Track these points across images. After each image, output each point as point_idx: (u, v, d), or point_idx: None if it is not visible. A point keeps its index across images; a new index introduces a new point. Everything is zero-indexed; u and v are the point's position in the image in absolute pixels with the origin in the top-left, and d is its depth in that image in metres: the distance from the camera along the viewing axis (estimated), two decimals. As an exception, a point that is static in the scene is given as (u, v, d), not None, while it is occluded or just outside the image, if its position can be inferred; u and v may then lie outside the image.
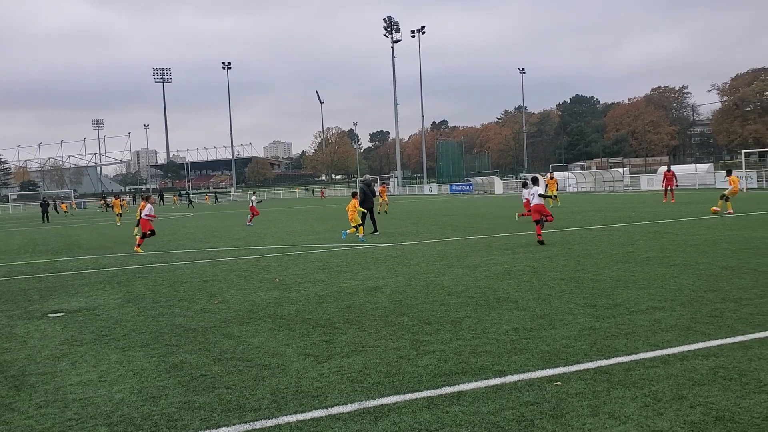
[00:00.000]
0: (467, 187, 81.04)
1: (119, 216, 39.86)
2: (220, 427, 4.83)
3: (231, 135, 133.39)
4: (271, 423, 4.86)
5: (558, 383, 5.38)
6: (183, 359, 6.76)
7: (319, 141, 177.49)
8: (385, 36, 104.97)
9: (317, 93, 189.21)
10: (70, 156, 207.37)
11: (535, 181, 17.07)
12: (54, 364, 6.85)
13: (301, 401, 5.28)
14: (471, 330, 7.38)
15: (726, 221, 19.72)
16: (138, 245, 19.27)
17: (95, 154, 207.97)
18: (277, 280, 12.04)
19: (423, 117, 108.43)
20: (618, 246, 14.67)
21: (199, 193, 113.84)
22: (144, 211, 19.80)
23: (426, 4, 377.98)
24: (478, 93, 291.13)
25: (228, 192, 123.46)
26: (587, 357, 6.08)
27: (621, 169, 67.06)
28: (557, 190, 38.96)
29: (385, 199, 35.39)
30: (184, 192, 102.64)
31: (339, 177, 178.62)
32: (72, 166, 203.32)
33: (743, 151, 56.50)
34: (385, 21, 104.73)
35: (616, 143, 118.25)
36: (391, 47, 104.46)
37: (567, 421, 4.58)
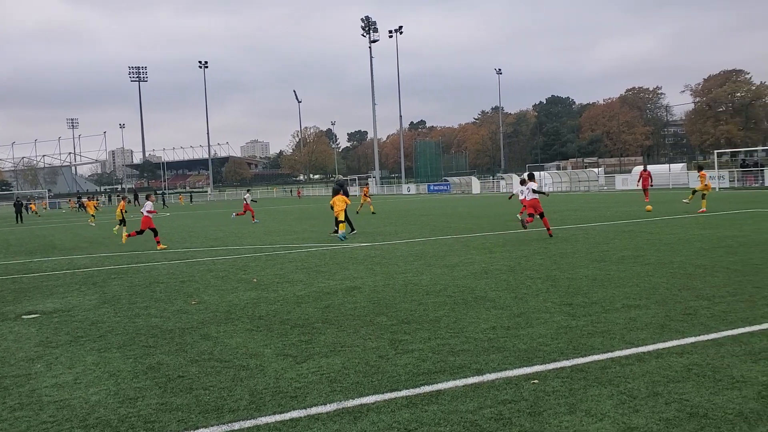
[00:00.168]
0: (445, 187, 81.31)
1: (93, 216, 39.61)
2: (198, 429, 4.80)
3: (208, 134, 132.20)
4: (250, 424, 4.84)
5: (535, 381, 5.43)
6: (160, 360, 6.71)
7: (297, 140, 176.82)
8: (363, 36, 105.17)
9: (295, 92, 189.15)
10: (44, 155, 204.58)
11: (531, 177, 17.62)
12: (28, 366, 6.76)
13: (280, 402, 5.27)
14: (449, 329, 7.41)
15: (699, 220, 20.01)
16: (158, 243, 19.25)
17: (70, 153, 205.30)
18: (255, 280, 11.99)
19: (401, 117, 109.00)
20: (593, 245, 14.83)
21: (174, 193, 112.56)
22: (145, 207, 19.79)
23: (404, 4, 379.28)
24: (455, 93, 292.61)
25: (205, 192, 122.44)
26: (564, 355, 6.14)
27: (596, 169, 67.70)
28: None
29: (368, 200, 35.40)
30: (159, 192, 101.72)
31: (317, 177, 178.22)
32: (46, 165, 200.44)
33: (715, 152, 57.31)
34: (363, 21, 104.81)
35: (591, 143, 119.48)
36: (369, 47, 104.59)
37: (544, 419, 4.63)
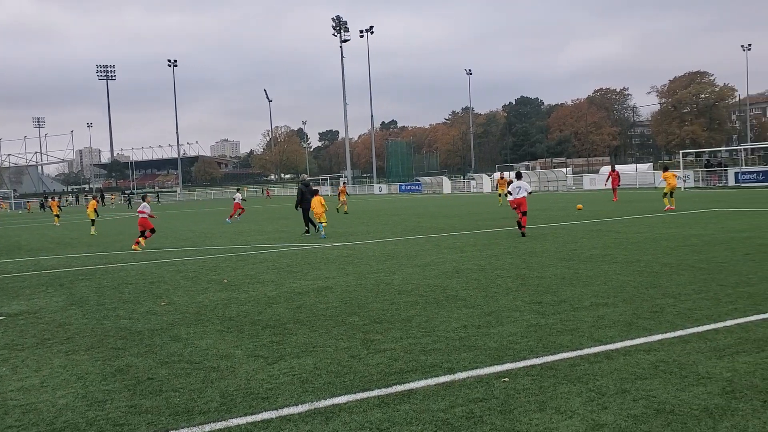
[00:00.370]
0: (416, 187, 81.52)
1: (57, 216, 38.93)
2: (168, 431, 4.75)
3: (177, 133, 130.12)
4: (221, 425, 4.80)
5: (506, 379, 5.48)
6: (129, 362, 6.62)
7: (268, 140, 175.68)
8: (334, 35, 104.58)
9: (265, 91, 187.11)
10: (9, 155, 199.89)
11: (519, 176, 18.02)
12: (-8, 370, 6.62)
13: (251, 403, 5.24)
14: (421, 328, 7.44)
15: (665, 219, 20.36)
16: (136, 243, 18.99)
17: (36, 152, 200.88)
18: (226, 280, 11.89)
19: (372, 117, 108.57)
20: (562, 244, 15.00)
21: (140, 193, 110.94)
22: (146, 209, 19.71)
23: (374, 4, 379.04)
24: (426, 93, 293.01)
25: (174, 192, 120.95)
26: (534, 353, 6.21)
27: (564, 169, 68.42)
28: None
29: (344, 199, 35.55)
30: (127, 191, 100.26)
31: (288, 176, 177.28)
32: (11, 165, 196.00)
33: (681, 152, 58.36)
34: (334, 20, 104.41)
35: (559, 144, 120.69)
36: (340, 47, 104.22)
37: (515, 417, 4.67)
